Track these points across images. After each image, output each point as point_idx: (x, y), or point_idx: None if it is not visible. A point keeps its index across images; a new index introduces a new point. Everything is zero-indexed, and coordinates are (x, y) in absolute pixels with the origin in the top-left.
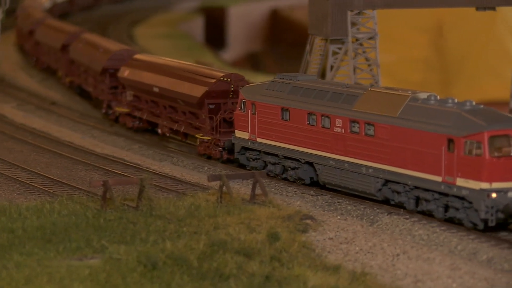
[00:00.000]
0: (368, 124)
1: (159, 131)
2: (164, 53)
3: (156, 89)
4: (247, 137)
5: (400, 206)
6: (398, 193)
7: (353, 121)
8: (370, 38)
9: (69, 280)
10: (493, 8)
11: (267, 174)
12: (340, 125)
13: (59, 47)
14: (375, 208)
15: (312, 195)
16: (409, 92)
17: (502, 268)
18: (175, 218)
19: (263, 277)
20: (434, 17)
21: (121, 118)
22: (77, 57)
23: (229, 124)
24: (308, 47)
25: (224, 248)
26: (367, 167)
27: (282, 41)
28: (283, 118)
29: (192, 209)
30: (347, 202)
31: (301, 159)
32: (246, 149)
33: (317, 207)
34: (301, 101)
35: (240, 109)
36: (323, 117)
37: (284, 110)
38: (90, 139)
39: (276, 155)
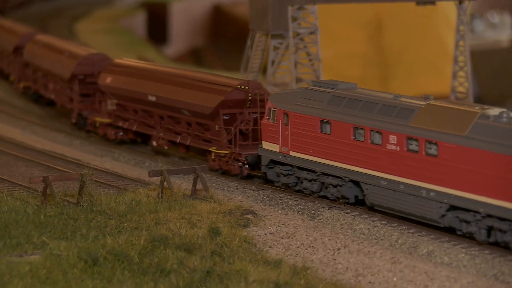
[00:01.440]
0: (430, 142)
1: (154, 143)
2: (105, 48)
3: (151, 98)
4: (277, 150)
5: (468, 237)
6: (467, 222)
7: (411, 138)
8: (311, 33)
9: (9, 276)
10: (433, 3)
11: (301, 192)
12: (395, 142)
13: (11, 50)
14: (316, 203)
15: (253, 190)
16: (477, 107)
17: (442, 261)
18: (116, 214)
19: (204, 272)
20: (373, 12)
21: (101, 129)
22: (34, 60)
23: (246, 136)
24: (249, 42)
25: (165, 244)
26: (428, 190)
27: (224, 36)
28: (322, 131)
29: (133, 205)
30: (288, 197)
31: (345, 177)
32: (275, 162)
33: (258, 202)
34: (344, 113)
35: (269, 118)
36: (373, 132)
37: (324, 122)
38: (31, 135)
39: (314, 171)
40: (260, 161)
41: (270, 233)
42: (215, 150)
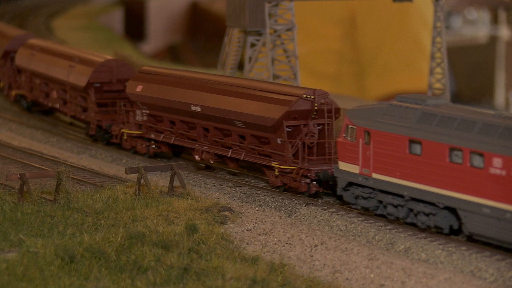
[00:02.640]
0: None
1: (197, 157)
2: (83, 45)
3: (195, 108)
4: (357, 171)
5: None
6: None
7: None
8: (288, 30)
9: None
10: (410, 0)
11: (385, 217)
12: (500, 166)
13: (0, 54)
14: (293, 199)
15: (230, 187)
16: None
17: (419, 258)
18: (92, 211)
19: (181, 269)
20: (348, 9)
21: (128, 141)
22: (30, 66)
23: (311, 150)
24: (226, 39)
25: (142, 241)
26: None
27: (202, 33)
28: (411, 151)
29: (110, 202)
30: (265, 193)
31: (439, 203)
32: (353, 184)
33: (235, 198)
34: (438, 132)
35: (346, 136)
36: (473, 154)
37: (413, 142)
38: (7, 132)
39: (400, 196)
40: (330, 178)
41: (247, 230)
42: (279, 166)
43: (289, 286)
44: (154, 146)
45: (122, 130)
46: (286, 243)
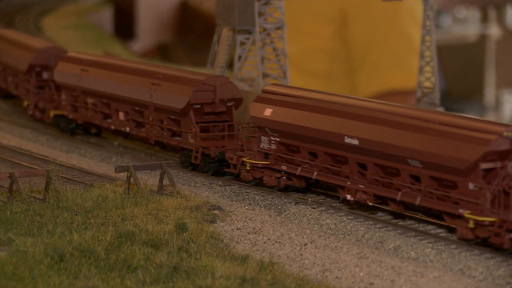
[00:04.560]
0: None
1: (348, 197)
2: (72, 44)
3: (351, 141)
4: None
5: None
6: None
7: None
8: (277, 28)
9: None
10: None
11: None
12: None
13: (24, 70)
14: (282, 198)
15: (220, 186)
16: None
17: (408, 256)
18: (82, 210)
19: (171, 268)
20: (338, 7)
21: (251, 172)
22: (81, 84)
23: (507, 197)
24: (216, 38)
25: (131, 240)
26: None
27: (192, 32)
28: None
29: (100, 201)
30: (255, 192)
31: None
32: None
33: (225, 197)
34: None
35: None
36: None
37: None
38: None
39: None
40: None
41: (237, 229)
42: (474, 217)
43: (279, 284)
44: (285, 177)
45: (244, 159)
46: (276, 242)
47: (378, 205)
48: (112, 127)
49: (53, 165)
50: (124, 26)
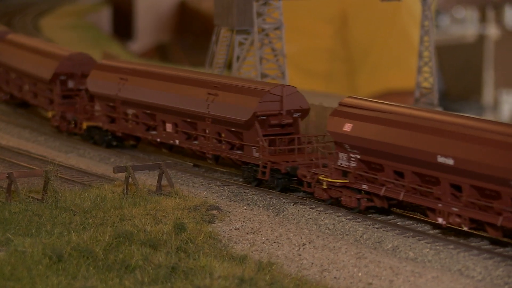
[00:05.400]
0: None
1: (440, 220)
2: (71, 44)
3: (445, 161)
4: None
5: None
6: None
7: None
8: (276, 29)
9: None
10: None
11: None
12: None
13: (48, 78)
14: (281, 198)
15: (218, 186)
16: None
17: (407, 256)
18: (80, 210)
19: (169, 268)
20: (338, 7)
21: (327, 191)
22: (121, 94)
23: None
24: (214, 38)
25: (130, 240)
26: None
27: (191, 32)
28: None
29: (98, 201)
30: (253, 192)
31: None
32: None
33: (223, 197)
34: None
35: None
36: None
37: None
38: None
39: None
40: None
41: (235, 229)
42: None
43: (277, 285)
44: (365, 198)
45: (320, 177)
46: (274, 242)
47: (473, 231)
48: (158, 140)
49: (52, 166)
50: (123, 26)
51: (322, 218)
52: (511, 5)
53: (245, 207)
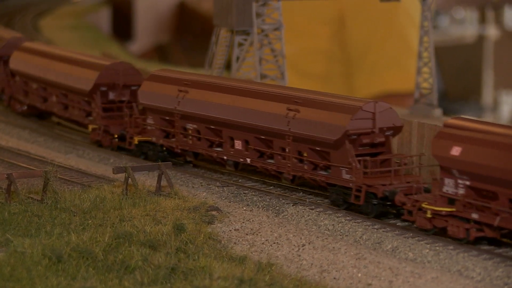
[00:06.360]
0: None
1: None
2: (70, 45)
3: None
4: None
5: None
6: None
7: None
8: (275, 29)
9: None
10: (397, 0)
11: None
12: None
13: (87, 90)
14: (280, 199)
15: (218, 187)
16: None
17: (406, 257)
18: (80, 211)
19: (168, 269)
20: (336, 8)
21: (432, 220)
22: (187, 109)
23: None
24: (213, 38)
25: (129, 240)
26: None
27: (190, 33)
28: None
29: (97, 202)
30: (253, 193)
31: None
32: None
33: (223, 198)
34: None
35: None
36: None
37: None
38: None
39: None
40: None
41: (235, 230)
42: None
43: (277, 285)
44: (475, 228)
45: (424, 205)
46: (274, 243)
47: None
48: (224, 157)
49: (51, 166)
50: (122, 27)
51: (322, 219)
52: (511, 5)
53: (244, 208)
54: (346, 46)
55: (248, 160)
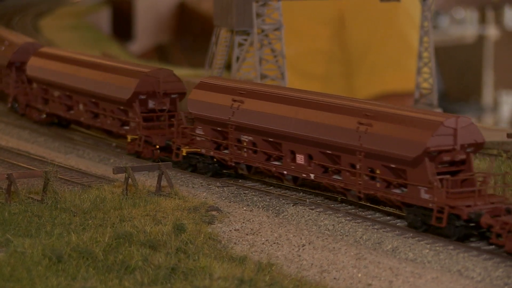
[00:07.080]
0: None
1: None
2: (70, 45)
3: None
4: None
5: None
6: None
7: None
8: (275, 29)
9: None
10: (397, 0)
11: None
12: None
13: (125, 98)
14: (280, 199)
15: (218, 187)
16: None
17: (406, 257)
18: (80, 211)
19: (168, 269)
20: (336, 9)
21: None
22: (243, 120)
23: None
24: (213, 39)
25: (129, 241)
26: None
27: (190, 33)
28: None
29: (98, 202)
30: (253, 193)
31: None
32: None
33: (223, 198)
34: None
35: None
36: None
37: None
38: None
39: None
40: None
41: (235, 230)
42: None
43: (277, 285)
44: None
45: (487, 221)
46: (274, 243)
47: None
48: (284, 172)
49: (51, 166)
50: (122, 27)
51: (322, 219)
52: (511, 6)
53: (244, 208)
54: (346, 46)
55: (312, 175)
